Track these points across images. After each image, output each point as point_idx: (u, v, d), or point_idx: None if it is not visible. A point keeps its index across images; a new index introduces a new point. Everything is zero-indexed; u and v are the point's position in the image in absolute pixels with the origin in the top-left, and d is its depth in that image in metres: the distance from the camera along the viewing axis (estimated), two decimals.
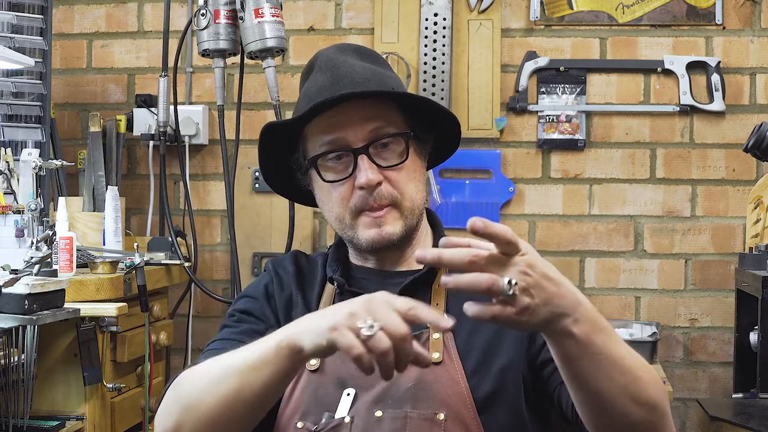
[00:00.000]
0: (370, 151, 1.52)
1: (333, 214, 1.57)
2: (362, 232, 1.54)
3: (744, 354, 2.89)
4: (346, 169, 1.53)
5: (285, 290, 1.62)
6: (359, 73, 1.55)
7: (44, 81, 3.16)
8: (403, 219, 1.54)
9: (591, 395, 1.28)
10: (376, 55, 1.65)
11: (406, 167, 1.54)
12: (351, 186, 1.53)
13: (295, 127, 1.58)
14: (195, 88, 3.55)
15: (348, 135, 1.52)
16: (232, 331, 1.58)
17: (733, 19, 3.34)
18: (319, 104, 1.50)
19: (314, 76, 1.59)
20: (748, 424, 2.50)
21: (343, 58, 1.58)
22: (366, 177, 1.50)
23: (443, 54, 3.35)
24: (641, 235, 3.39)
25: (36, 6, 3.14)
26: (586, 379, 1.26)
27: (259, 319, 1.60)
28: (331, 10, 3.49)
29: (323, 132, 1.54)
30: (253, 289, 1.65)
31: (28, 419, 2.34)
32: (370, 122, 1.52)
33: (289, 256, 1.69)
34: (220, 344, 1.55)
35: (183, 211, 3.41)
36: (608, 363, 1.26)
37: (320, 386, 1.52)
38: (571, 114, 3.39)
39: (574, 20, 3.39)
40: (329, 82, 1.54)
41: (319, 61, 1.61)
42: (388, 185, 1.53)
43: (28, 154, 2.83)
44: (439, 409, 1.48)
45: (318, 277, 1.63)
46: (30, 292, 2.19)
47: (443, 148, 1.67)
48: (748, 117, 3.33)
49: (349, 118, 1.52)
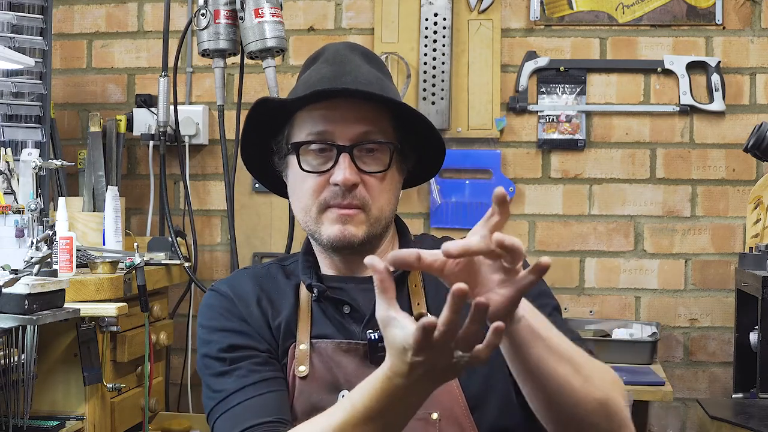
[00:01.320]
0: (354, 153, 1.51)
1: (300, 204, 1.55)
2: (326, 227, 1.52)
3: (744, 354, 2.90)
4: (325, 163, 1.52)
5: (252, 307, 1.57)
6: (363, 74, 1.54)
7: (44, 81, 3.16)
8: (368, 225, 1.52)
9: (541, 384, 1.29)
10: (381, 62, 1.64)
11: (385, 177, 1.53)
12: (325, 181, 1.51)
13: (287, 110, 1.57)
14: (195, 88, 3.55)
15: (336, 131, 1.51)
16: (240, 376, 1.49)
17: (733, 19, 3.34)
18: (318, 91, 1.49)
19: (318, 66, 1.58)
20: (748, 424, 2.50)
21: (350, 56, 1.58)
22: (343, 175, 1.49)
23: (443, 54, 3.35)
24: (641, 235, 3.39)
25: (36, 6, 3.14)
26: (536, 366, 1.28)
27: (253, 348, 1.53)
28: (331, 10, 3.49)
29: (313, 121, 1.53)
30: (220, 321, 1.56)
31: (28, 419, 2.34)
32: (361, 124, 1.52)
33: (243, 274, 1.63)
34: (241, 395, 1.46)
35: (183, 211, 3.41)
36: (554, 349, 1.28)
37: (313, 392, 1.51)
38: (571, 114, 3.39)
39: (574, 20, 3.39)
40: (332, 75, 1.54)
41: (326, 53, 1.60)
42: (363, 189, 1.51)
43: (28, 154, 2.83)
44: (432, 409, 1.48)
45: (288, 286, 1.60)
46: (30, 292, 2.19)
47: (420, 172, 1.66)
48: (748, 117, 3.33)
49: (342, 114, 1.52)
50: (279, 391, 1.49)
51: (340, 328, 1.54)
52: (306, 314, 1.56)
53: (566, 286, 3.38)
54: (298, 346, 1.53)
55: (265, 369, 1.51)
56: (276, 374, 1.52)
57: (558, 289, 3.38)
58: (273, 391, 1.49)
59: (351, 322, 1.54)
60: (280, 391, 1.50)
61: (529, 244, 3.39)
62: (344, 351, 1.52)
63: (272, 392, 1.48)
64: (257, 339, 1.54)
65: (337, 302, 1.56)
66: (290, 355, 1.54)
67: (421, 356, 1.13)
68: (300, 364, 1.52)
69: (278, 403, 1.48)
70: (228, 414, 1.47)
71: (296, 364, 1.52)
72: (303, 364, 1.52)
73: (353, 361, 1.50)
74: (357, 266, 1.58)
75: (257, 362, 1.51)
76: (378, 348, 1.49)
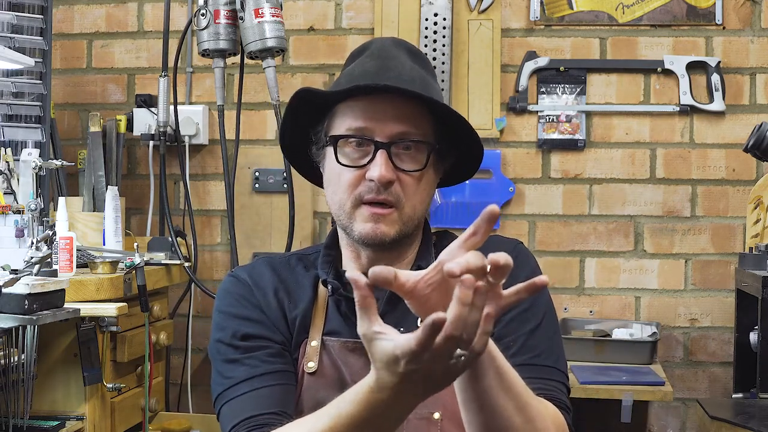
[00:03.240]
0: (392, 150, 1.51)
1: (336, 197, 1.55)
2: (358, 224, 1.53)
3: (744, 354, 2.90)
4: (362, 158, 1.52)
5: (270, 297, 1.58)
6: (407, 71, 1.54)
7: (44, 81, 3.16)
8: (400, 224, 1.52)
9: (490, 417, 1.29)
10: (427, 60, 1.64)
11: (421, 177, 1.53)
12: (361, 176, 1.51)
13: (329, 101, 1.56)
14: (195, 88, 3.55)
15: (376, 127, 1.51)
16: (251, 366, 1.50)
17: (733, 19, 3.34)
18: (360, 86, 1.49)
19: (363, 60, 1.58)
20: (748, 424, 2.50)
21: (396, 52, 1.58)
22: (379, 172, 1.49)
23: (443, 54, 3.35)
24: (641, 235, 3.39)
25: (36, 6, 3.14)
26: (487, 397, 1.27)
27: (268, 338, 1.53)
28: (331, 10, 3.49)
29: (353, 115, 1.53)
30: (237, 307, 1.57)
31: (28, 419, 2.34)
32: (401, 122, 1.51)
33: (263, 262, 1.64)
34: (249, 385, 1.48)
35: (183, 211, 3.41)
36: (506, 381, 1.27)
37: (320, 389, 1.52)
38: (571, 114, 3.39)
39: (574, 20, 3.39)
40: (376, 70, 1.53)
41: (372, 47, 1.60)
42: (398, 187, 1.51)
43: (28, 154, 2.83)
44: (435, 409, 1.48)
45: (308, 279, 1.61)
46: (30, 292, 2.19)
47: (456, 173, 1.66)
48: (748, 117, 3.33)
49: (382, 110, 1.51)
50: (286, 385, 1.50)
51: (351, 325, 1.55)
52: (321, 310, 1.57)
53: (566, 286, 3.38)
54: (310, 343, 1.54)
55: (276, 361, 1.51)
56: (286, 367, 1.52)
57: (558, 289, 3.38)
58: (280, 384, 1.49)
59: None
60: (287, 385, 1.50)
61: (529, 244, 3.39)
62: (350, 350, 1.52)
63: (279, 385, 1.49)
64: (272, 329, 1.55)
65: (351, 300, 1.56)
66: (302, 350, 1.55)
67: (416, 364, 1.11)
68: (309, 360, 1.53)
69: (283, 396, 1.48)
70: (234, 401, 1.48)
71: (306, 359, 1.53)
72: (312, 360, 1.53)
73: (359, 361, 1.51)
74: (384, 263, 1.58)
75: (270, 353, 1.52)
76: None
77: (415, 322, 1.53)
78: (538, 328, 1.52)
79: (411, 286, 1.16)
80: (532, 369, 1.45)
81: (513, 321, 1.51)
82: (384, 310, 1.54)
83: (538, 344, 1.50)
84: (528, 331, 1.50)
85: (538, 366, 1.47)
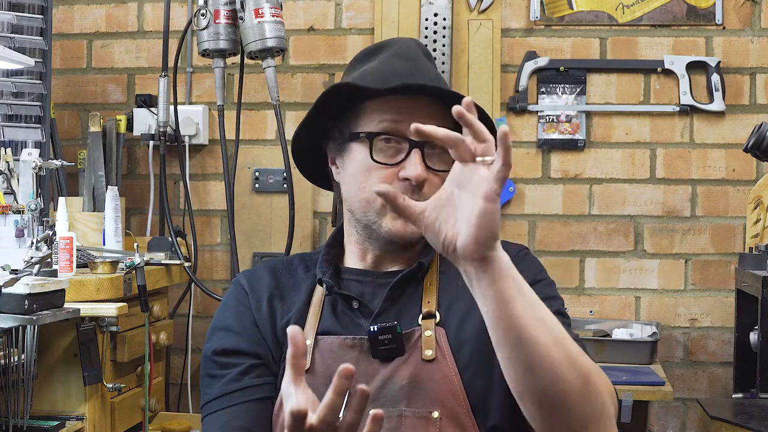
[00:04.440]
0: (425, 150, 1.53)
1: (363, 194, 1.55)
2: (388, 221, 1.53)
3: (744, 354, 2.90)
4: (395, 155, 1.53)
5: (263, 302, 1.60)
6: (432, 73, 1.58)
7: (44, 81, 3.16)
8: None
9: (525, 345, 1.27)
10: (434, 62, 1.69)
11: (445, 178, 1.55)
12: (394, 174, 1.53)
13: (360, 96, 1.57)
14: (195, 88, 3.55)
15: (409, 126, 1.52)
16: (224, 383, 1.55)
17: (733, 19, 3.34)
18: (410, 85, 1.51)
19: (389, 59, 1.59)
20: (748, 424, 2.51)
21: (418, 53, 1.62)
22: (416, 171, 1.51)
23: (443, 54, 3.35)
24: (641, 235, 3.39)
25: (36, 6, 3.14)
26: (521, 324, 1.26)
27: (242, 353, 1.56)
28: (331, 10, 3.49)
29: (388, 113, 1.54)
30: (226, 318, 1.61)
31: (28, 419, 2.34)
32: (433, 121, 1.51)
33: (264, 266, 1.66)
34: (220, 403, 1.53)
35: (183, 211, 3.41)
36: (535, 312, 1.27)
37: (312, 387, 1.52)
38: (571, 114, 3.39)
39: (574, 20, 3.39)
40: (409, 70, 1.56)
41: (395, 47, 1.62)
42: (428, 187, 1.53)
43: (28, 154, 2.83)
44: (433, 408, 1.48)
45: (306, 281, 1.62)
46: (30, 292, 2.19)
47: None
48: (748, 117, 3.33)
49: (415, 110, 1.53)
50: (257, 400, 1.53)
51: (347, 323, 1.55)
52: (317, 309, 1.58)
53: (566, 286, 3.38)
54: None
55: (246, 377, 1.54)
56: (259, 381, 1.54)
57: (558, 289, 3.37)
58: (250, 400, 1.53)
59: (360, 317, 1.56)
60: (258, 400, 1.53)
61: (529, 244, 3.39)
62: (349, 347, 1.53)
63: (249, 402, 1.52)
64: (250, 341, 1.57)
65: (347, 297, 1.57)
66: None
67: None
68: None
69: (251, 416, 1.52)
70: (207, 419, 1.54)
71: None
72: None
73: (356, 356, 1.51)
74: (389, 261, 1.60)
75: (241, 371, 1.54)
76: (379, 341, 1.50)
77: (414, 318, 1.53)
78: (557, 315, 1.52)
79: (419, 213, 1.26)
80: None
81: None
82: (383, 307, 1.55)
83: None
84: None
85: None
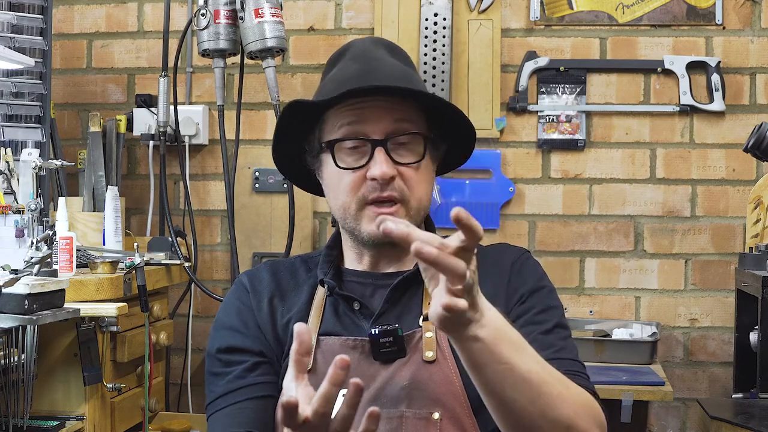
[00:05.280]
0: (389, 146, 1.52)
1: (339, 201, 1.56)
2: (365, 224, 1.53)
3: (744, 354, 2.90)
4: (361, 158, 1.53)
5: (264, 302, 1.60)
6: (389, 68, 1.56)
7: (44, 81, 3.16)
8: (408, 218, 1.52)
9: (500, 406, 1.29)
10: (405, 54, 1.65)
11: (421, 168, 1.54)
12: (362, 176, 1.52)
13: (318, 109, 1.57)
14: (195, 88, 3.55)
15: (369, 126, 1.52)
16: (228, 381, 1.55)
17: (733, 19, 3.34)
18: (350, 91, 1.50)
19: (345, 63, 1.59)
20: (748, 424, 2.51)
21: (376, 51, 1.59)
22: (381, 169, 1.50)
23: (443, 54, 3.35)
24: (641, 235, 3.39)
25: (36, 6, 3.14)
26: (494, 389, 1.27)
27: (246, 351, 1.57)
28: (331, 10, 3.49)
29: (345, 118, 1.54)
30: (229, 316, 1.61)
31: (28, 419, 2.34)
32: (393, 117, 1.52)
33: (266, 267, 1.66)
34: (224, 400, 1.53)
35: (183, 211, 3.41)
36: (514, 374, 1.26)
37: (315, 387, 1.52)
38: (571, 114, 3.39)
39: (574, 20, 3.39)
40: (360, 72, 1.54)
41: (352, 50, 1.61)
42: (401, 181, 1.52)
43: (28, 154, 2.83)
44: (434, 408, 1.48)
45: (307, 282, 1.62)
46: (30, 292, 2.19)
47: (452, 159, 1.67)
48: (748, 117, 3.33)
49: (373, 110, 1.52)
50: (260, 398, 1.53)
51: (348, 324, 1.55)
52: (318, 309, 1.58)
53: (566, 286, 3.38)
54: None
55: (250, 375, 1.54)
56: (262, 379, 1.55)
57: (558, 289, 3.36)
58: (254, 398, 1.53)
59: (361, 318, 1.56)
60: (261, 398, 1.53)
61: (529, 244, 3.39)
62: (350, 348, 1.53)
63: (253, 399, 1.53)
64: (253, 339, 1.57)
65: (348, 299, 1.56)
66: None
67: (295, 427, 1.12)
68: None
69: (254, 413, 1.52)
70: (213, 418, 1.54)
71: None
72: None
73: (357, 358, 1.51)
74: (386, 262, 1.60)
75: (245, 368, 1.55)
76: (381, 344, 1.50)
77: (415, 320, 1.53)
78: (555, 328, 1.53)
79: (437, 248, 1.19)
80: (556, 363, 1.45)
81: (528, 324, 1.51)
82: (383, 309, 1.55)
83: (557, 342, 1.51)
84: (544, 332, 1.51)
85: (561, 359, 1.46)
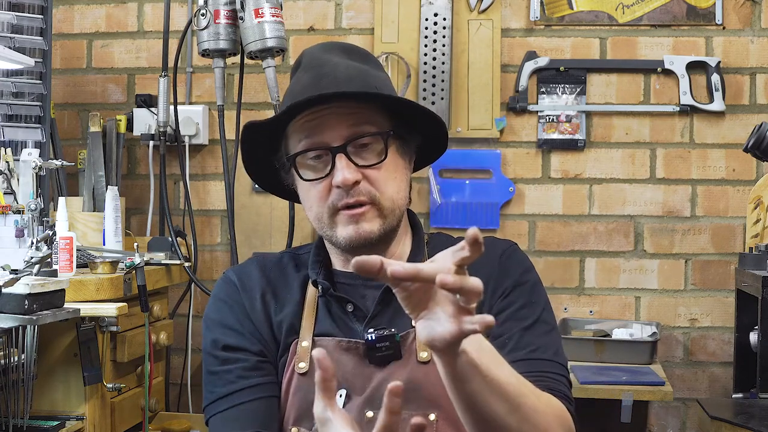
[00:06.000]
0: (349, 150, 1.50)
1: (312, 212, 1.55)
2: (341, 230, 1.52)
3: (744, 354, 2.90)
4: (324, 167, 1.52)
5: (256, 300, 1.59)
6: (342, 72, 1.53)
7: (44, 81, 3.16)
8: (382, 218, 1.52)
9: (480, 420, 1.29)
10: (365, 53, 1.63)
11: (386, 166, 1.52)
12: (329, 185, 1.51)
13: (278, 126, 1.57)
14: (195, 88, 3.55)
15: (327, 134, 1.51)
16: (229, 381, 1.54)
17: (733, 19, 3.34)
18: (298, 103, 1.49)
19: (298, 75, 1.58)
20: (748, 424, 2.51)
21: (327, 57, 1.57)
22: (342, 176, 1.49)
23: (443, 54, 3.35)
24: (641, 235, 3.39)
25: (36, 6, 3.14)
26: (476, 402, 1.26)
27: (244, 350, 1.56)
28: (331, 10, 3.49)
29: (303, 131, 1.53)
30: (221, 313, 1.60)
31: (28, 419, 2.34)
32: (349, 121, 1.51)
33: (253, 262, 1.65)
34: (227, 402, 1.53)
35: (183, 211, 3.41)
36: (493, 385, 1.26)
37: (311, 389, 1.51)
38: (571, 114, 3.39)
39: (574, 20, 3.39)
40: (311, 81, 1.53)
41: (304, 60, 1.59)
42: (367, 184, 1.51)
43: (28, 154, 2.83)
44: (430, 410, 1.48)
45: (297, 280, 1.61)
46: (30, 292, 2.19)
47: (432, 147, 1.65)
48: (748, 117, 3.33)
49: (328, 117, 1.51)
50: (265, 398, 1.53)
51: (342, 326, 1.55)
52: (311, 310, 1.57)
53: (566, 286, 3.38)
54: (300, 343, 1.54)
55: (252, 374, 1.53)
56: (265, 379, 1.54)
57: (558, 289, 3.38)
58: (259, 398, 1.52)
59: (354, 320, 1.55)
60: (266, 398, 1.53)
61: (529, 244, 3.39)
62: (344, 349, 1.52)
63: (258, 399, 1.52)
64: (252, 339, 1.56)
65: (341, 300, 1.56)
66: (291, 351, 1.55)
67: None
68: (300, 361, 1.53)
69: (260, 414, 1.51)
70: (216, 418, 1.54)
71: (297, 360, 1.53)
72: (303, 360, 1.53)
73: (352, 360, 1.51)
74: None
75: (247, 367, 1.54)
76: (376, 348, 1.50)
77: (408, 321, 1.53)
78: (535, 324, 1.52)
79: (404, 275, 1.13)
80: (529, 363, 1.44)
81: (509, 320, 1.51)
82: (376, 311, 1.54)
83: (535, 340, 1.50)
84: (523, 328, 1.50)
85: (535, 360, 1.47)
